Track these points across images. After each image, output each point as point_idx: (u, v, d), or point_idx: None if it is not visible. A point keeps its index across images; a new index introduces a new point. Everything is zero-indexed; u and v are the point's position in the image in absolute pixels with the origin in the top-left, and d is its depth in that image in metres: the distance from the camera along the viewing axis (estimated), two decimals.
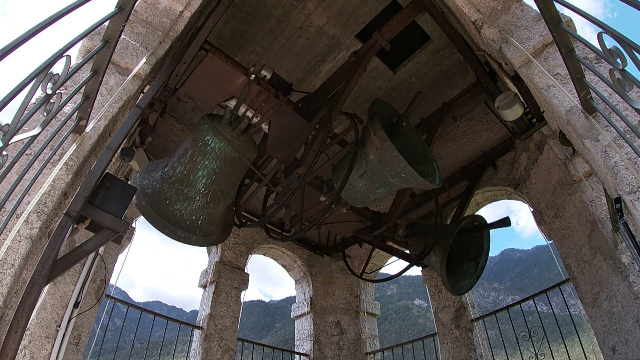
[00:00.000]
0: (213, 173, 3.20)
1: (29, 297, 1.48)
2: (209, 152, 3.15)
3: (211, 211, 3.30)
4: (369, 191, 3.68)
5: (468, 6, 2.85)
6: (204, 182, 3.19)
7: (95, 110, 2.17)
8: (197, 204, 3.21)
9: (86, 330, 3.57)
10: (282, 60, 4.77)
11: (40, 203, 1.75)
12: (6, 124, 1.34)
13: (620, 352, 2.90)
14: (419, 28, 4.43)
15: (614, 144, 1.93)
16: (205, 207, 3.25)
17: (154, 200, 3.09)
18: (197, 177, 3.17)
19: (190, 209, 3.19)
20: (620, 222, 2.17)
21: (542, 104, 2.81)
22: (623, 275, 2.83)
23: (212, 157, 3.16)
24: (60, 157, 1.92)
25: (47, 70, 1.44)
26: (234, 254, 5.87)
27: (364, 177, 3.55)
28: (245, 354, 5.61)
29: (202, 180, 3.18)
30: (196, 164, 3.16)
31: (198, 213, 3.22)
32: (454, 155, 5.68)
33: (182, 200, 3.17)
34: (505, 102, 3.52)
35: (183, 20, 3.02)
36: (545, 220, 4.04)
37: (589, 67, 1.83)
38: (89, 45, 2.57)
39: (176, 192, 3.15)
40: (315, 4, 4.23)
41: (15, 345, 1.40)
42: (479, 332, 5.13)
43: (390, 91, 5.16)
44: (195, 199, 3.20)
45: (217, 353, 5.01)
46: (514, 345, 4.80)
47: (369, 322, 6.65)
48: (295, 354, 6.34)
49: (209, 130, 3.15)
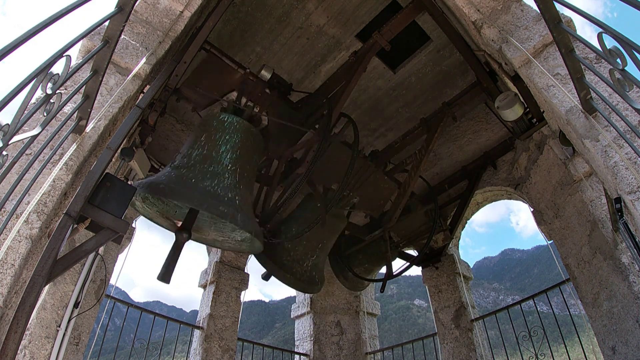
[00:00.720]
0: (236, 146, 2.90)
1: (29, 297, 1.48)
2: (227, 127, 2.95)
3: (243, 195, 2.80)
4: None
5: (468, 6, 2.85)
6: (230, 157, 2.82)
7: (95, 110, 2.16)
8: (228, 182, 2.70)
9: (86, 330, 3.57)
10: (282, 60, 4.77)
11: (40, 203, 1.75)
12: (6, 124, 1.34)
13: (620, 352, 2.90)
14: (419, 28, 4.43)
15: (614, 144, 1.93)
16: (237, 187, 2.75)
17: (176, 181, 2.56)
18: (220, 153, 2.81)
19: (223, 186, 2.65)
20: (620, 222, 2.17)
21: (542, 104, 2.81)
22: (623, 275, 2.83)
23: (232, 130, 2.93)
24: (60, 157, 1.92)
25: (47, 70, 1.44)
26: (234, 254, 5.87)
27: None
28: (245, 354, 5.62)
29: (227, 155, 2.82)
30: (217, 141, 2.87)
31: (233, 192, 2.68)
32: (454, 155, 5.68)
33: (209, 177, 2.65)
34: (505, 102, 3.52)
35: (183, 20, 3.02)
36: (545, 220, 4.04)
37: (589, 67, 1.83)
38: (89, 45, 2.57)
39: (200, 171, 2.67)
40: (315, 4, 4.23)
41: (15, 345, 1.40)
42: (479, 332, 5.14)
43: (390, 91, 5.16)
44: (225, 176, 2.72)
45: (217, 353, 5.01)
46: (514, 345, 4.81)
47: (369, 322, 6.65)
48: (295, 354, 6.34)
49: (220, 113, 3.06)
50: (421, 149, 4.41)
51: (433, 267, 5.82)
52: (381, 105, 5.33)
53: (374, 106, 5.33)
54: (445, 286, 5.62)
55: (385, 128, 5.64)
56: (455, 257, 5.78)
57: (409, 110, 5.38)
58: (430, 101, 5.21)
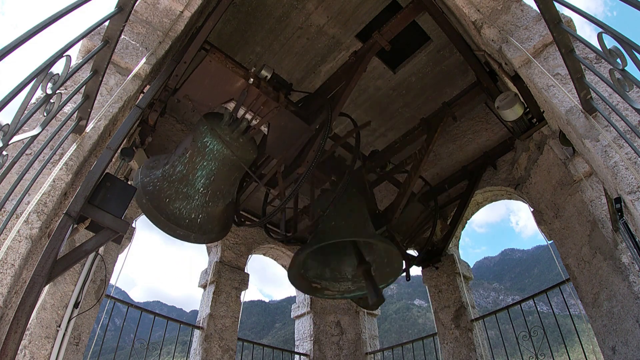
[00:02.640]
0: (211, 174, 3.25)
1: (29, 297, 1.48)
2: (207, 154, 3.20)
3: (210, 210, 3.35)
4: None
5: (468, 6, 2.85)
6: (203, 182, 3.25)
7: (95, 110, 2.17)
8: (196, 203, 3.27)
9: (86, 330, 3.57)
10: (282, 60, 4.77)
11: (40, 203, 1.75)
12: (6, 124, 1.34)
13: (620, 352, 2.90)
14: (419, 28, 4.43)
15: (614, 144, 1.93)
16: (204, 205, 3.31)
17: (155, 198, 3.16)
18: (196, 177, 3.22)
19: (190, 207, 3.25)
20: (620, 222, 2.17)
21: (542, 104, 2.81)
22: (623, 275, 2.83)
23: (210, 158, 3.21)
24: (60, 157, 1.92)
25: (47, 70, 1.44)
26: (234, 254, 5.87)
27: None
28: (245, 354, 5.61)
29: (200, 180, 3.24)
30: (195, 165, 3.21)
31: (197, 211, 3.28)
32: (454, 155, 5.68)
33: (181, 199, 3.22)
34: (505, 102, 3.52)
35: (183, 20, 3.02)
36: (545, 220, 4.04)
37: (589, 67, 1.83)
38: (89, 45, 2.57)
39: (176, 191, 3.21)
40: (315, 4, 4.23)
41: (15, 345, 1.40)
42: (479, 332, 5.14)
43: (390, 91, 5.16)
44: (195, 198, 3.26)
45: (217, 353, 5.01)
46: (514, 345, 4.80)
47: (369, 322, 6.65)
48: (295, 354, 6.34)
49: (207, 132, 3.19)
50: (421, 149, 4.41)
51: (433, 267, 5.82)
52: (381, 105, 5.33)
53: (374, 106, 5.33)
54: (445, 286, 5.62)
55: (385, 128, 5.64)
56: (455, 257, 5.78)
57: (409, 110, 5.38)
58: (431, 101, 5.21)
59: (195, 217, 3.27)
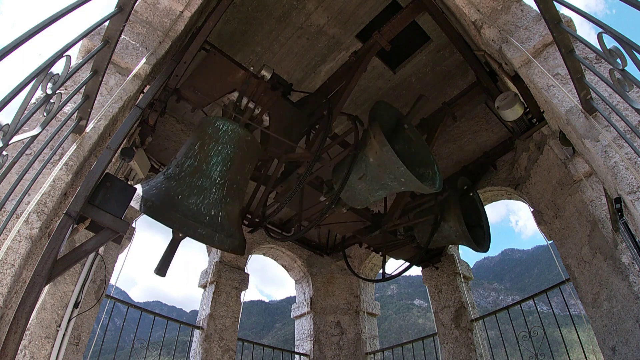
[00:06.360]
0: (228, 158, 2.91)
1: (29, 297, 1.48)
2: (221, 137, 2.94)
3: (229, 208, 2.86)
4: (369, 193, 3.68)
5: (468, 6, 2.85)
6: (220, 170, 2.85)
7: (95, 111, 2.17)
8: (213, 197, 2.77)
9: (86, 330, 3.57)
10: (282, 60, 4.77)
11: (40, 203, 1.75)
12: (6, 124, 1.34)
13: (620, 352, 2.90)
14: (419, 28, 4.43)
15: (614, 144, 1.93)
16: (223, 201, 2.81)
17: (163, 198, 2.60)
18: (211, 165, 2.84)
19: (208, 202, 2.71)
20: (620, 222, 2.17)
21: (542, 104, 2.81)
22: (623, 276, 2.83)
23: (226, 140, 2.93)
24: (60, 157, 1.92)
25: (47, 70, 1.44)
26: (234, 254, 5.87)
27: (364, 179, 3.54)
28: (245, 354, 5.62)
29: (217, 167, 2.84)
30: (208, 152, 2.88)
31: (216, 208, 2.76)
32: (454, 155, 5.68)
33: (196, 193, 2.70)
34: (505, 102, 3.52)
35: (183, 20, 3.02)
36: (545, 220, 4.04)
37: (589, 67, 1.83)
38: (89, 45, 2.57)
39: (188, 186, 2.72)
40: (315, 4, 4.23)
41: (15, 345, 1.40)
42: (479, 332, 5.14)
43: (390, 91, 5.16)
44: (212, 191, 2.77)
45: (217, 353, 5.01)
46: (514, 345, 4.81)
47: (369, 322, 6.65)
48: (295, 354, 6.34)
49: (217, 118, 3.04)
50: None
51: (433, 267, 5.83)
52: None
53: None
54: (445, 286, 5.63)
55: None
56: (455, 257, 5.78)
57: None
58: (431, 101, 5.20)
59: (215, 215, 2.72)
